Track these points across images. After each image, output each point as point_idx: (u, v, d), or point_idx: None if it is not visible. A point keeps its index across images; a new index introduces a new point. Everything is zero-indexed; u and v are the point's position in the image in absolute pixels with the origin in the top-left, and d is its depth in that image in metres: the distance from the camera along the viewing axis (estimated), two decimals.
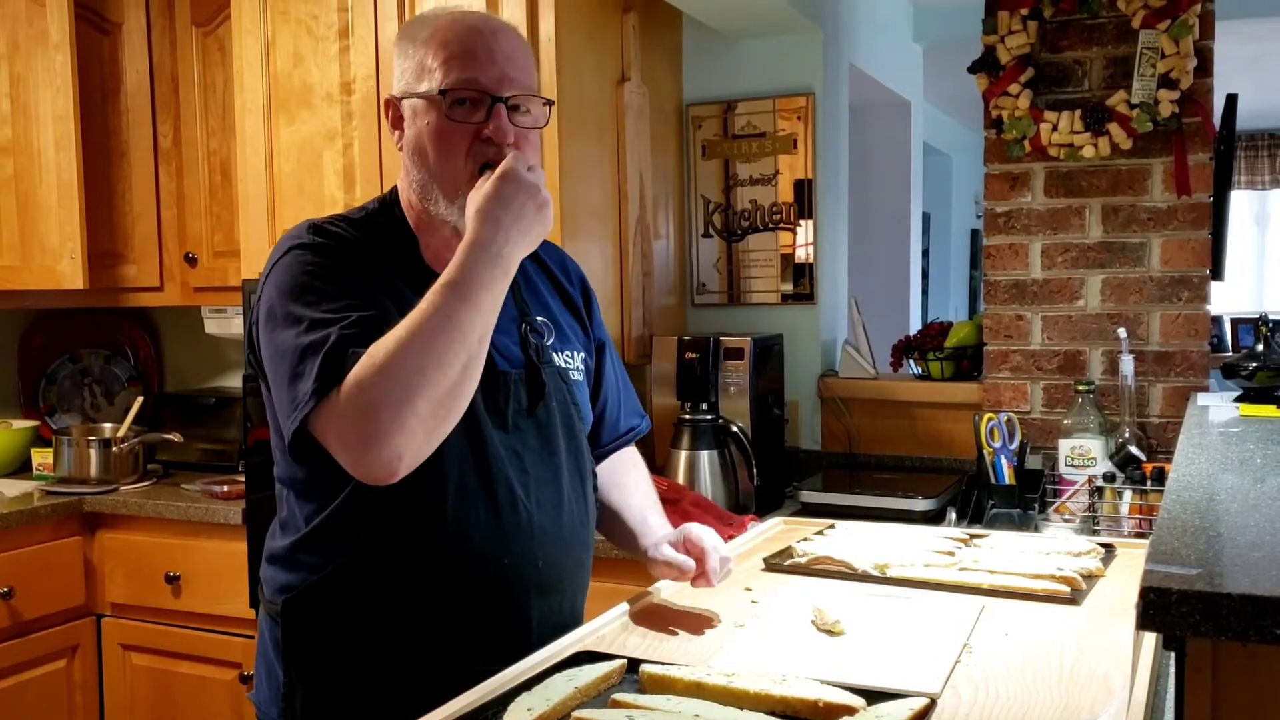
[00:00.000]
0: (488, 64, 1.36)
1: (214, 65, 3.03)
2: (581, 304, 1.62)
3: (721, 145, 2.93)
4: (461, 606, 1.39)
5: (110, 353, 3.49)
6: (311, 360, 1.24)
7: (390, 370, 1.20)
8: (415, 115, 1.38)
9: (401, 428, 1.20)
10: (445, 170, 1.36)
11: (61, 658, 2.77)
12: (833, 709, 1.07)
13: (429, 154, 1.37)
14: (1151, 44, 2.38)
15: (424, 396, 1.20)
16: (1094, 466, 2.33)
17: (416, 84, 1.38)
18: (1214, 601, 0.84)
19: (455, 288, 1.23)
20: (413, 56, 1.39)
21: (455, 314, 1.22)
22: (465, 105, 1.35)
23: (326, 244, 1.35)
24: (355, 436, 1.21)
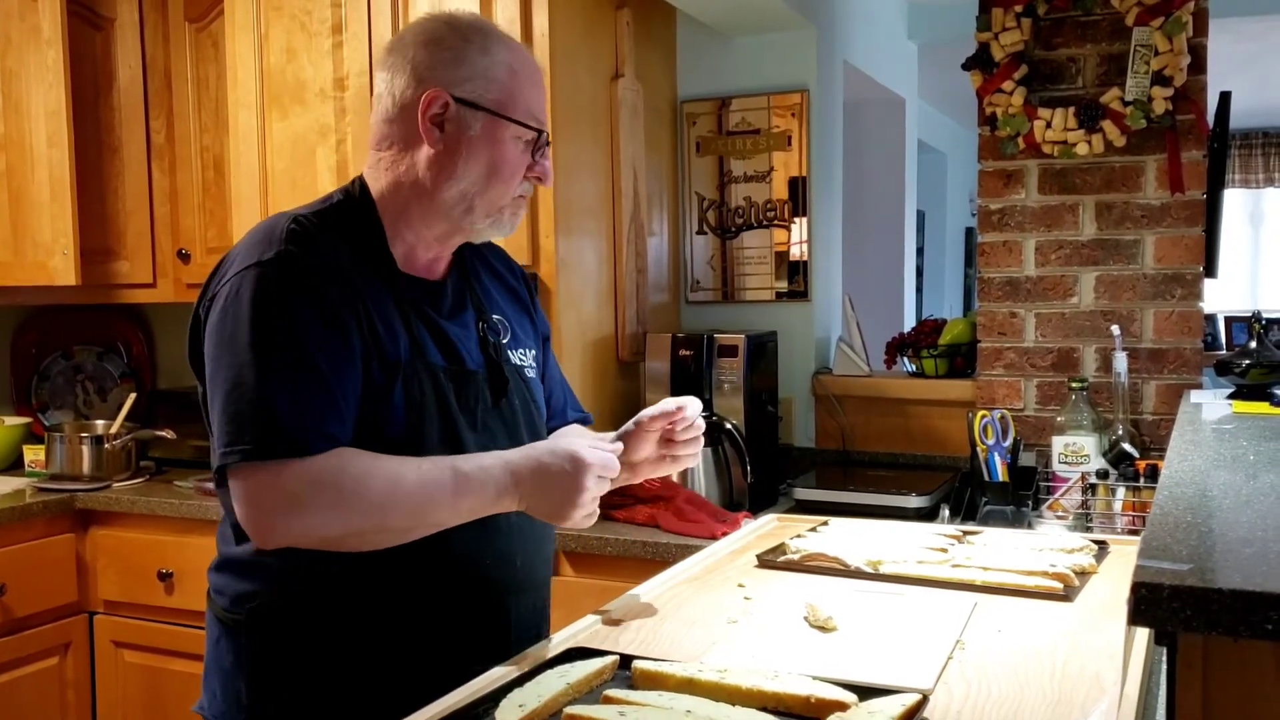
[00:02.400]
0: (543, 101, 1.44)
1: (207, 61, 3.02)
2: (527, 299, 1.62)
3: (716, 142, 2.93)
4: (445, 610, 1.38)
5: (103, 349, 3.48)
6: (255, 415, 1.24)
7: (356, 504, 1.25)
8: (480, 129, 1.37)
9: (319, 536, 1.27)
10: (501, 193, 1.40)
11: (54, 655, 2.76)
12: (825, 705, 1.07)
13: (493, 175, 1.38)
14: (1145, 41, 2.38)
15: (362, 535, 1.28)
16: (1087, 463, 2.34)
17: (497, 101, 1.37)
18: (1205, 597, 0.84)
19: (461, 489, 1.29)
20: (480, 66, 1.38)
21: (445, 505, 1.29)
22: (529, 135, 1.40)
23: (299, 261, 1.30)
24: (270, 510, 1.25)
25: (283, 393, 1.25)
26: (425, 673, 1.33)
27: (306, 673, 1.36)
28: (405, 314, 1.38)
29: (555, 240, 2.41)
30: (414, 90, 1.37)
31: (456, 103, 1.36)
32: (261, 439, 1.23)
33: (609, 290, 2.65)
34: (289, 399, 1.25)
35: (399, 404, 1.33)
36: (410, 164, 1.39)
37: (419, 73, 1.37)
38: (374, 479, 1.26)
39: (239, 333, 1.27)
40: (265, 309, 1.27)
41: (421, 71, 1.37)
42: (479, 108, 1.37)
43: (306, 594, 1.35)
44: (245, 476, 1.25)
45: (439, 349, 1.40)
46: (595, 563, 2.35)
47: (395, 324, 1.36)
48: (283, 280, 1.29)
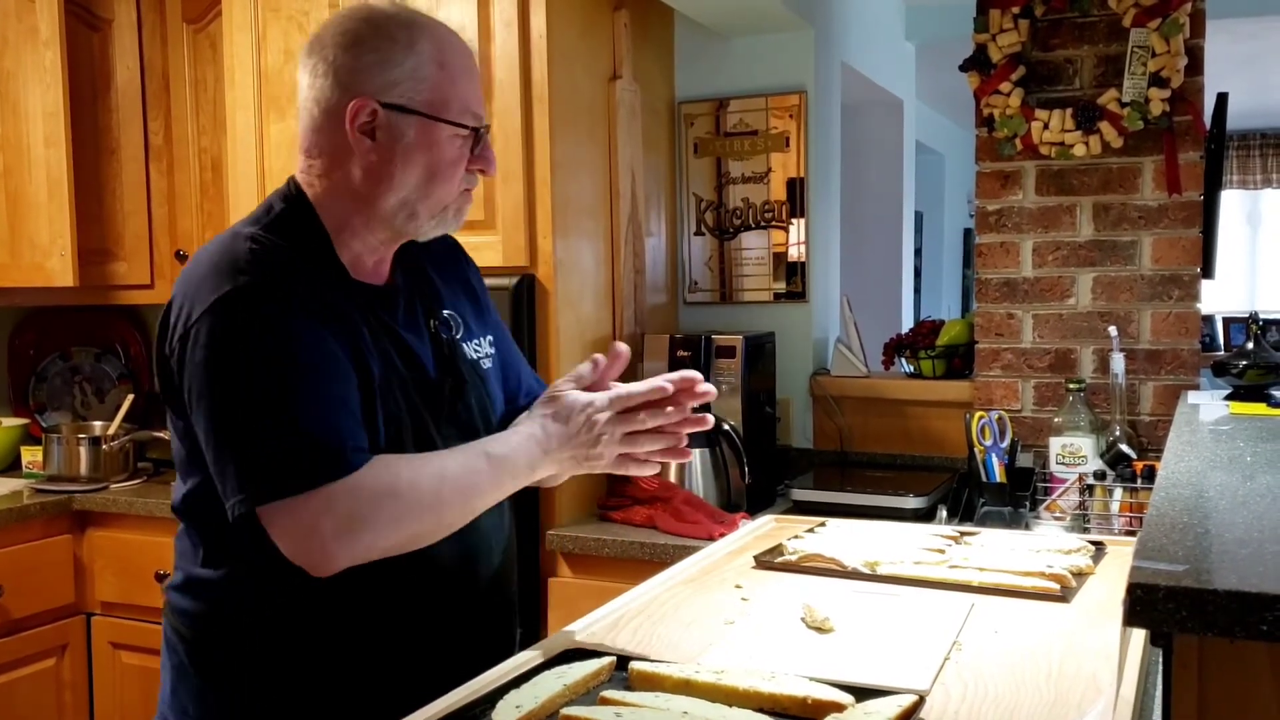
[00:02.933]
0: (480, 91, 1.38)
1: (205, 62, 3.02)
2: (476, 283, 1.57)
3: (713, 143, 2.93)
4: (430, 622, 1.36)
5: (100, 350, 3.48)
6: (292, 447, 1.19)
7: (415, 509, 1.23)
8: (414, 135, 1.31)
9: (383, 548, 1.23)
10: (444, 194, 1.35)
11: (51, 656, 2.76)
12: (821, 706, 1.07)
13: (432, 179, 1.33)
14: (1142, 42, 2.38)
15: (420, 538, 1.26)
16: (1084, 464, 2.34)
17: (415, 100, 1.31)
18: (1201, 598, 0.84)
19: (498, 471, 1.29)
20: (407, 68, 1.31)
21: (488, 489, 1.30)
22: (466, 132, 1.34)
23: (275, 284, 1.25)
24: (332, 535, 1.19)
25: (309, 418, 1.20)
26: (398, 681, 1.32)
27: (278, 689, 1.33)
28: (369, 325, 1.33)
29: (553, 241, 2.41)
30: (339, 98, 1.30)
31: (385, 109, 1.30)
32: (305, 468, 1.18)
33: (606, 291, 2.65)
34: (318, 422, 1.20)
35: (379, 419, 1.30)
36: (344, 174, 1.33)
37: (342, 79, 1.30)
38: (423, 480, 1.24)
39: (237, 370, 1.21)
40: (258, 340, 1.21)
41: (344, 77, 1.30)
42: (410, 112, 1.31)
43: (280, 610, 1.31)
44: (293, 510, 1.18)
45: (400, 358, 1.36)
46: (593, 564, 2.35)
47: (364, 337, 1.31)
48: (266, 306, 1.23)
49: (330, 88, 1.31)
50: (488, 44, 2.42)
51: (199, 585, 1.36)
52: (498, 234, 2.43)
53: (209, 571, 1.34)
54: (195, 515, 1.35)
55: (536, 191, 2.41)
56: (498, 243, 2.43)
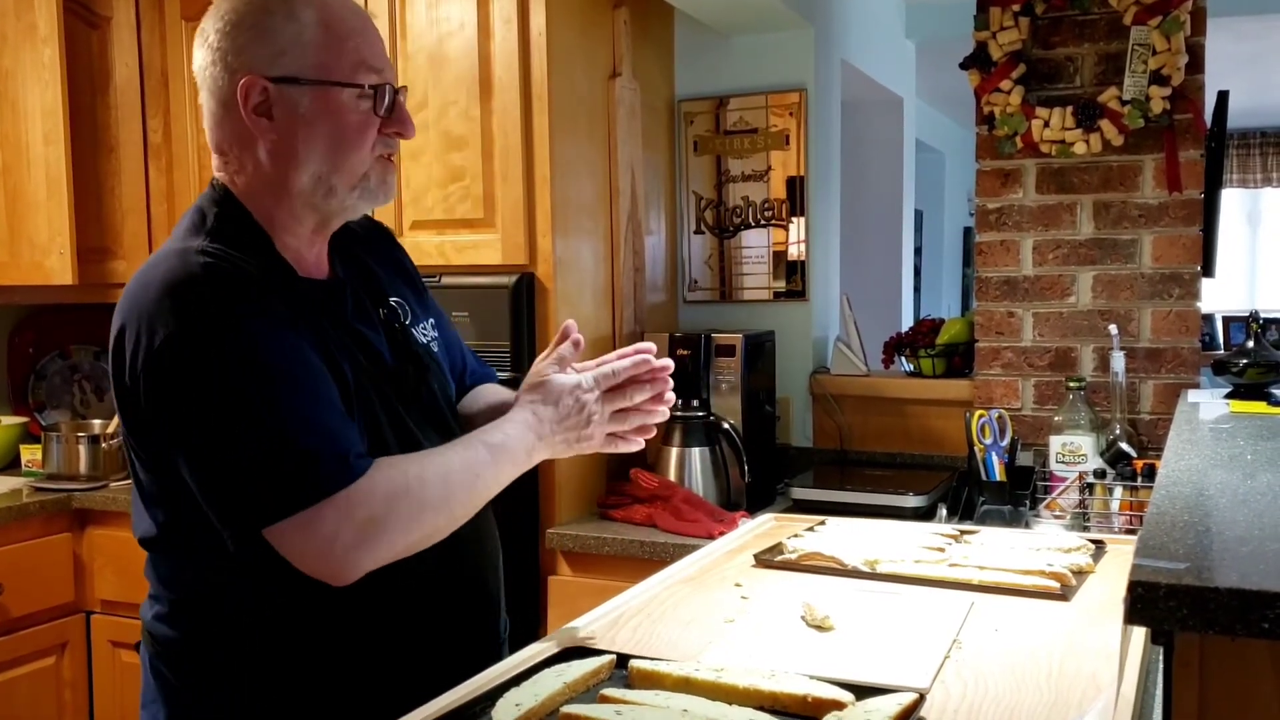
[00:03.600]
0: (379, 47, 1.31)
1: None
2: (410, 269, 1.54)
3: (713, 141, 2.93)
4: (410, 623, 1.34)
5: (100, 349, 3.47)
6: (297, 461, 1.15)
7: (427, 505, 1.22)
8: (309, 103, 1.25)
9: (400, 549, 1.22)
10: (355, 164, 1.29)
11: (51, 655, 2.76)
12: (821, 704, 1.07)
13: (338, 147, 1.27)
14: (1143, 40, 2.38)
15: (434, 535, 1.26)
16: (1085, 463, 2.34)
17: (304, 67, 1.24)
18: (1202, 596, 0.84)
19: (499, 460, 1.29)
20: (289, 35, 1.24)
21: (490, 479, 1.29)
22: (369, 94, 1.27)
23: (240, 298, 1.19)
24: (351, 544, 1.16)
25: (307, 429, 1.16)
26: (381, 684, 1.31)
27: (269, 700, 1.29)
28: (329, 323, 1.30)
29: (552, 240, 2.41)
30: (228, 83, 1.25)
31: (275, 84, 1.24)
32: (314, 479, 1.15)
33: (606, 290, 2.65)
34: (316, 432, 1.17)
35: (357, 422, 1.27)
36: (254, 163, 1.28)
37: (228, 63, 1.25)
38: (430, 476, 1.23)
39: (218, 392, 1.15)
40: (234, 357, 1.16)
41: (230, 61, 1.25)
42: (300, 82, 1.24)
43: (272, 627, 1.28)
44: (306, 523, 1.15)
45: (361, 352, 1.33)
46: (592, 562, 2.35)
47: (329, 337, 1.28)
48: (235, 322, 1.17)
49: (219, 75, 1.26)
50: (487, 42, 2.42)
51: (183, 614, 1.31)
52: (497, 232, 2.43)
53: (193, 599, 1.29)
54: (176, 547, 1.29)
55: (536, 190, 2.41)
56: (497, 241, 2.43)
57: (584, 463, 2.53)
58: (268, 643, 1.28)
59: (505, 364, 2.38)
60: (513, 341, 2.38)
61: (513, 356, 2.38)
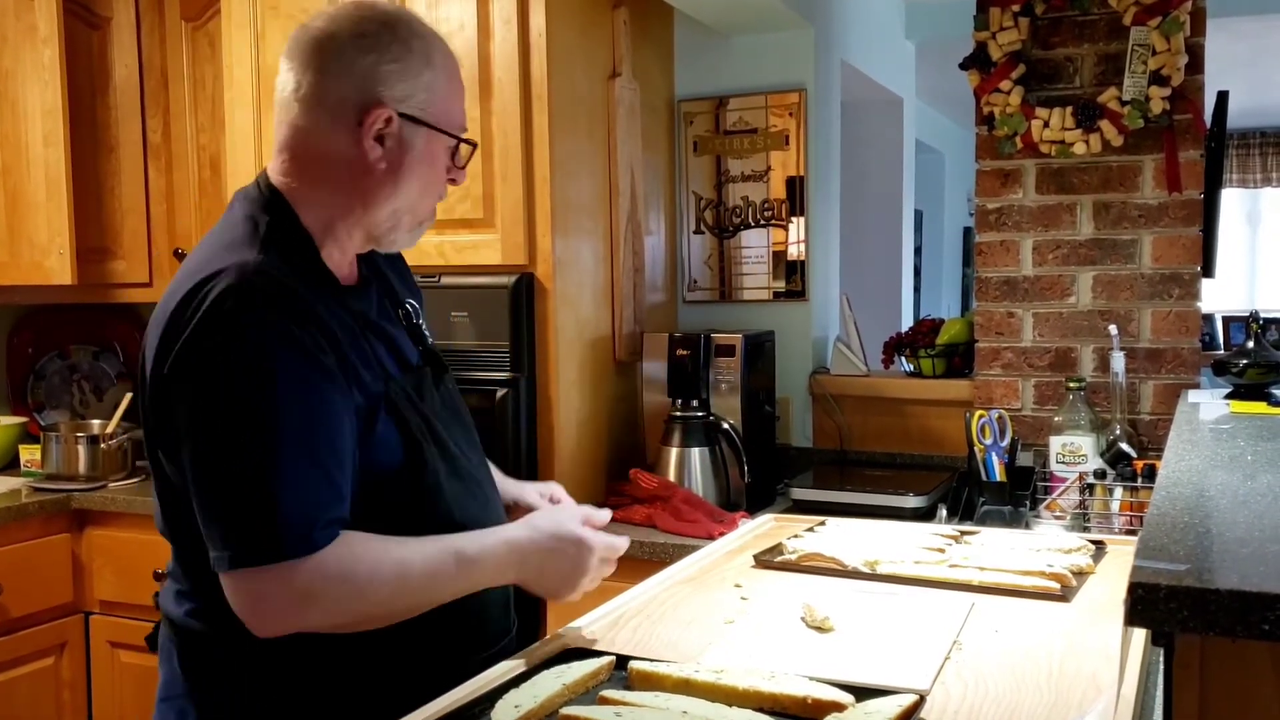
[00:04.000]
0: (464, 101, 1.40)
1: (204, 60, 3.02)
2: (408, 276, 1.57)
3: (713, 141, 2.93)
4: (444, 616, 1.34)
5: (99, 349, 3.47)
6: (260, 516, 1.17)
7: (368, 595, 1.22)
8: (422, 145, 1.32)
9: (328, 625, 1.23)
10: (427, 207, 1.37)
11: (49, 655, 2.75)
12: (821, 705, 1.07)
13: (424, 189, 1.35)
14: (1143, 41, 2.38)
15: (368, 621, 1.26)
16: (1085, 463, 2.33)
17: (435, 115, 1.32)
18: (1202, 597, 0.84)
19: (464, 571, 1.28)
20: (420, 76, 1.31)
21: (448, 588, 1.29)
22: (464, 147, 1.37)
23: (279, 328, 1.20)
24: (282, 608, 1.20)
25: (286, 489, 1.17)
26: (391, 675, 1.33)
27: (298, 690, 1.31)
28: (363, 331, 1.33)
29: (552, 240, 2.41)
30: (355, 101, 1.29)
31: (402, 119, 1.30)
32: (270, 542, 1.17)
33: (606, 290, 2.65)
34: (293, 495, 1.18)
35: (390, 431, 1.30)
36: (344, 181, 1.31)
37: (360, 83, 1.29)
38: (383, 570, 1.23)
39: (227, 421, 1.18)
40: (255, 391, 1.18)
41: (364, 82, 1.29)
42: (423, 124, 1.32)
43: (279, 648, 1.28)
44: (251, 577, 1.18)
45: (393, 357, 1.36)
46: None
47: (363, 348, 1.31)
48: (270, 351, 1.19)
49: (347, 91, 1.29)
50: (487, 42, 2.42)
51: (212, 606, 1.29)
52: (496, 232, 2.43)
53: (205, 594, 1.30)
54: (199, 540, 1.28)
55: (535, 190, 2.41)
56: (496, 241, 2.42)
57: (583, 463, 2.53)
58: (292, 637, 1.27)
59: (504, 364, 2.38)
60: (512, 342, 2.38)
61: (512, 357, 2.38)
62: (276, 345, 1.19)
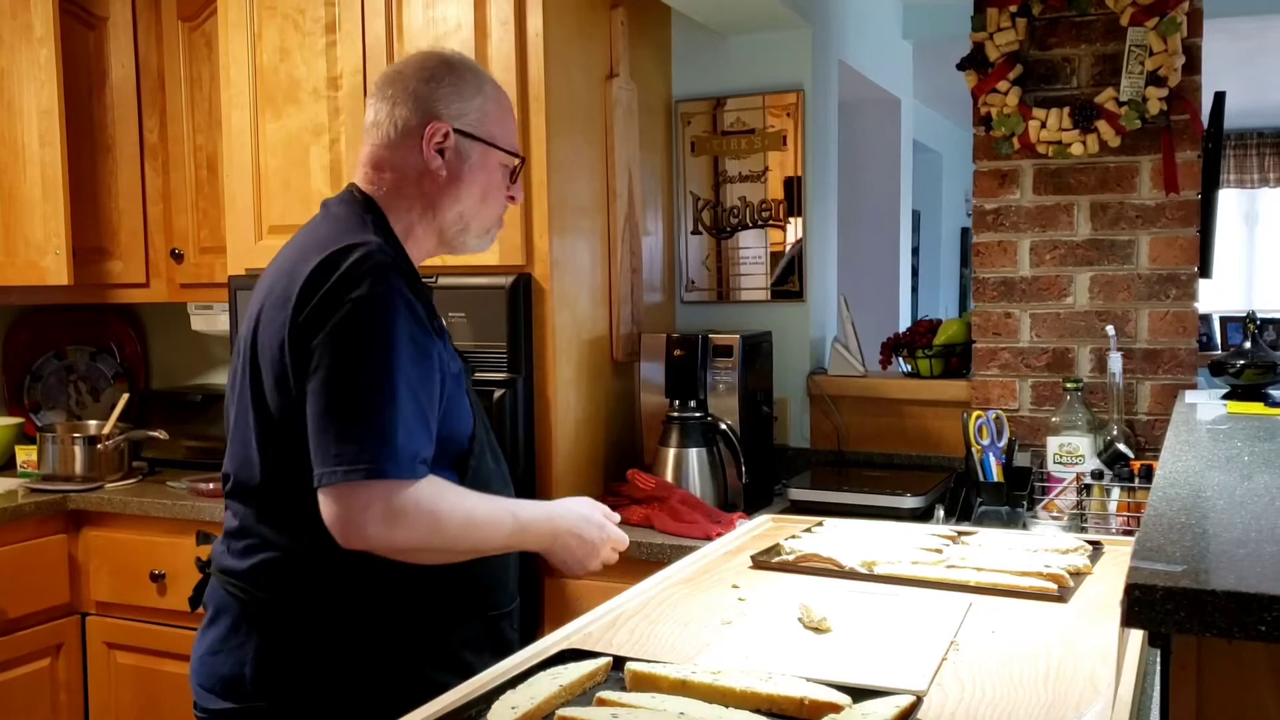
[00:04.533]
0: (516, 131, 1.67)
1: (200, 60, 3.01)
2: None
3: (710, 142, 2.93)
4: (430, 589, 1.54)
5: (95, 349, 3.47)
6: (376, 439, 1.37)
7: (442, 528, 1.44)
8: (476, 157, 1.58)
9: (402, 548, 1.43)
10: (491, 214, 1.63)
11: (45, 656, 2.75)
12: (818, 707, 1.07)
13: (485, 197, 1.60)
14: (1140, 41, 2.38)
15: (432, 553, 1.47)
16: (1082, 464, 2.33)
17: (492, 134, 1.59)
18: (1199, 598, 0.84)
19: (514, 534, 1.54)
20: (477, 103, 1.58)
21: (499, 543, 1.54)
22: (514, 161, 1.64)
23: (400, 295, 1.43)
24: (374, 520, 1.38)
25: (401, 421, 1.39)
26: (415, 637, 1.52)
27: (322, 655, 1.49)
28: (441, 327, 1.57)
29: (549, 240, 2.41)
30: (418, 120, 1.55)
31: (457, 134, 1.56)
32: (384, 460, 1.37)
33: (603, 290, 2.65)
34: (404, 428, 1.39)
35: (463, 404, 1.54)
36: (412, 187, 1.57)
37: (422, 105, 1.55)
38: (458, 510, 1.46)
39: (358, 360, 1.40)
40: (383, 341, 1.40)
41: (425, 104, 1.55)
42: (476, 138, 1.57)
43: (335, 587, 1.49)
44: (357, 490, 1.37)
45: (449, 351, 1.57)
46: None
47: (444, 338, 1.55)
48: (395, 314, 1.42)
49: (410, 113, 1.55)
50: (484, 43, 2.42)
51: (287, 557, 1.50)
52: None
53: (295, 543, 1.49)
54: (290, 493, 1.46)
55: (533, 190, 2.41)
56: (496, 240, 2.42)
57: (580, 464, 2.53)
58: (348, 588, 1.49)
59: (502, 365, 2.37)
60: (509, 343, 2.37)
61: (509, 358, 2.37)
62: (400, 305, 1.42)
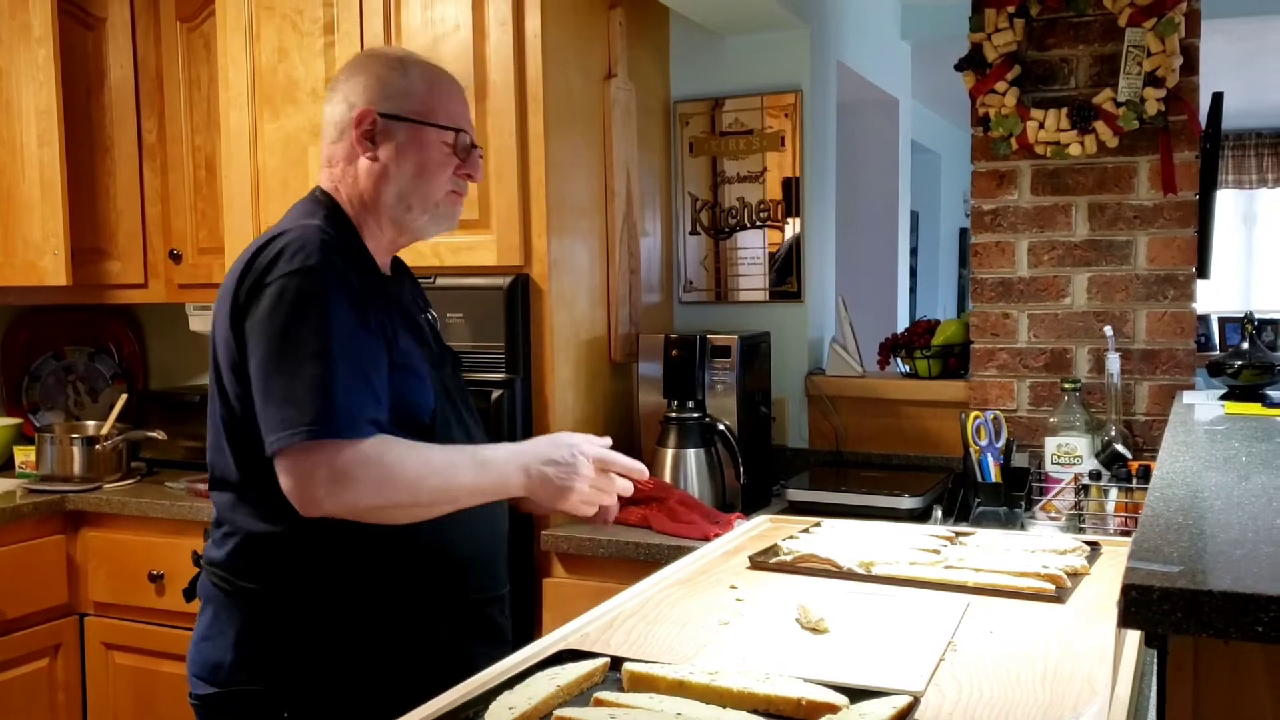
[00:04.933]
0: (464, 109, 1.67)
1: (199, 61, 3.01)
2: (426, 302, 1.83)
3: (709, 142, 2.93)
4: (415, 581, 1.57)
5: (94, 350, 3.47)
6: (316, 401, 1.40)
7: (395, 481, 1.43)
8: (404, 136, 1.59)
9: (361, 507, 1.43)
10: (432, 190, 1.61)
11: (44, 657, 2.75)
12: (815, 707, 1.07)
13: (421, 174, 1.60)
14: (1138, 42, 2.38)
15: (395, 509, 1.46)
16: (1080, 464, 2.33)
17: (419, 113, 1.60)
18: (1196, 599, 0.84)
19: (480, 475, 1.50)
20: (399, 85, 1.60)
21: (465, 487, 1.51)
22: (450, 136, 1.62)
23: (336, 270, 1.48)
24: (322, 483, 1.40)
25: (338, 383, 1.42)
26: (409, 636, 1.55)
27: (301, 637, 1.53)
28: (399, 313, 1.59)
29: (547, 240, 2.41)
30: (344, 112, 1.61)
31: (382, 117, 1.59)
32: (321, 419, 1.40)
33: (601, 291, 2.65)
34: (343, 389, 1.42)
35: (423, 395, 1.55)
36: (354, 176, 1.61)
37: (349, 98, 1.61)
38: (409, 461, 1.44)
39: (290, 331, 1.43)
40: (316, 311, 1.44)
41: (351, 96, 1.61)
42: (402, 118, 1.59)
43: (311, 570, 1.52)
44: (302, 453, 1.40)
45: (415, 340, 1.60)
46: (587, 564, 2.34)
47: (398, 323, 1.56)
48: (326, 286, 1.45)
49: (342, 107, 1.62)
50: (482, 43, 2.42)
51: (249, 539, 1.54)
52: (492, 233, 2.43)
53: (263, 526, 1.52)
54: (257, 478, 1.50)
55: (531, 191, 2.41)
56: (492, 242, 2.42)
57: None
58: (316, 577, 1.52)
59: (500, 366, 2.37)
60: (507, 343, 2.37)
61: (507, 358, 2.38)
62: (333, 277, 1.46)
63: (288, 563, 1.52)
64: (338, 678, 1.52)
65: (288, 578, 1.53)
